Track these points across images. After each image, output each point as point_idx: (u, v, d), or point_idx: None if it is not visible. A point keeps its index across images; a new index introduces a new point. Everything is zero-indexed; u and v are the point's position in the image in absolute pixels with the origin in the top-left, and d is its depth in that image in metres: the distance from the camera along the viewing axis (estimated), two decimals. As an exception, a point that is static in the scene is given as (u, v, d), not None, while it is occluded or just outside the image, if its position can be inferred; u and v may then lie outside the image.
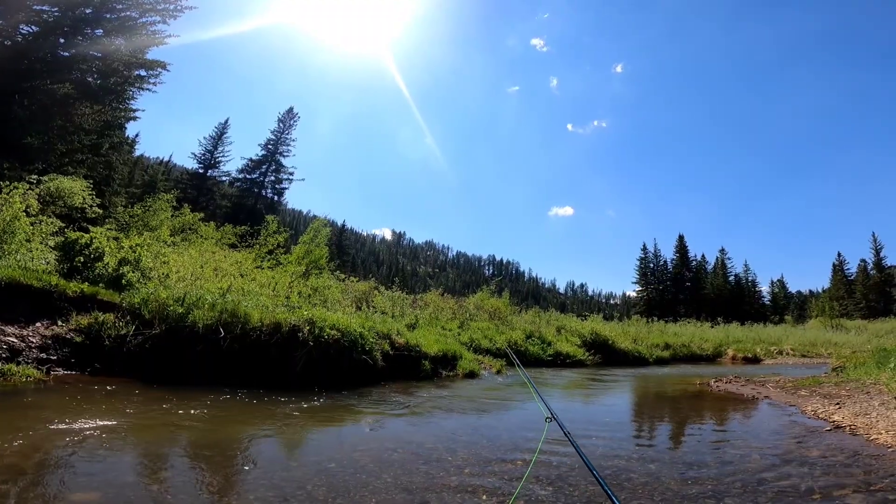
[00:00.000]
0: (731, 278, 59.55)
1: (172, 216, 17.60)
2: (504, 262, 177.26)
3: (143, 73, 21.45)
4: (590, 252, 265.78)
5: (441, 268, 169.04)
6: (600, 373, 12.15)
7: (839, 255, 57.76)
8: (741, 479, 3.36)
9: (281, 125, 46.25)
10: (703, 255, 62.12)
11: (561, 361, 13.87)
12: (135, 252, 8.91)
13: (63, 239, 8.48)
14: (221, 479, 3.29)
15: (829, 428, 4.80)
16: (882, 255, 53.77)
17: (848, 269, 56.58)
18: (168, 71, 22.06)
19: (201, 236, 15.17)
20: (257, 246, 14.23)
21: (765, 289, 64.51)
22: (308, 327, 7.19)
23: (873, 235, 54.95)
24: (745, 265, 61.59)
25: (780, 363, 17.34)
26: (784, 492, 3.10)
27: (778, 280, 68.91)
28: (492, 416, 5.89)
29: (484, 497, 3.07)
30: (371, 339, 8.18)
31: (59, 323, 6.45)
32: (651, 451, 4.12)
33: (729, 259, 60.48)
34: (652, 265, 60.75)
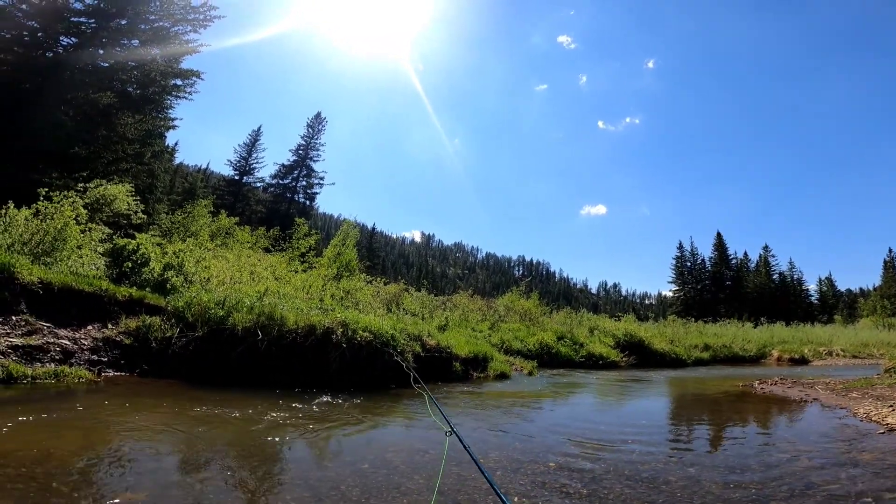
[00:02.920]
0: (776, 276, 57.04)
1: (211, 222, 18.29)
2: (534, 262, 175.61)
3: (178, 82, 22.28)
4: (623, 251, 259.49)
5: (470, 269, 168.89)
6: (635, 374, 11.85)
7: (890, 251, 54.26)
8: (787, 484, 3.21)
9: (310, 130, 47.35)
10: (745, 253, 59.96)
11: (593, 363, 13.60)
12: (178, 257, 9.31)
13: (111, 245, 8.94)
14: (259, 478, 3.40)
15: (882, 431, 4.53)
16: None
17: (900, 266, 53.09)
18: (202, 80, 22.82)
19: (237, 240, 15.67)
20: (290, 249, 14.59)
21: (812, 287, 61.53)
22: (341, 329, 7.33)
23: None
24: (791, 263, 58.98)
25: (829, 364, 16.44)
26: (834, 496, 2.95)
27: (826, 278, 65.35)
28: (522, 419, 5.84)
29: (515, 499, 3.05)
30: (402, 341, 8.26)
31: (109, 326, 6.80)
32: (690, 454, 3.99)
33: (773, 257, 58.06)
34: (689, 264, 58.92)
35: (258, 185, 47.28)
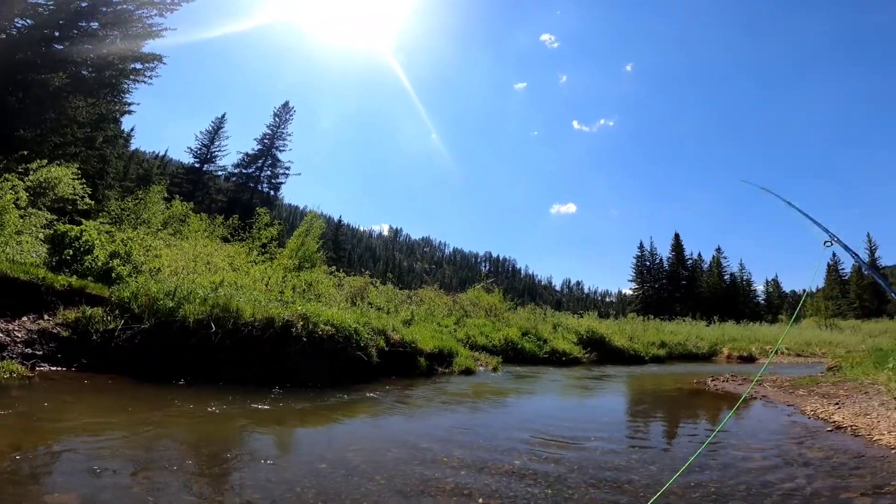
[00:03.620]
0: (727, 277, 59.80)
1: (165, 209, 17.40)
2: (500, 258, 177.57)
3: (138, 66, 21.42)
4: (590, 250, 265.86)
5: (438, 264, 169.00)
6: (596, 371, 12.09)
7: (834, 255, 57.83)
8: (744, 482, 3.27)
9: (276, 119, 46.13)
10: (699, 254, 62.43)
11: (557, 359, 13.78)
12: (126, 245, 8.75)
13: (52, 231, 8.30)
14: (206, 479, 3.17)
15: (829, 429, 4.73)
16: (876, 255, 54.19)
17: (842, 269, 56.90)
18: (164, 64, 22.12)
19: (191, 228, 14.95)
20: (250, 240, 14.05)
21: (759, 288, 64.78)
22: (302, 322, 7.06)
23: (868, 236, 55.31)
24: (741, 264, 61.89)
25: (775, 362, 17.34)
26: (790, 495, 3.01)
27: (772, 279, 69.17)
28: (487, 416, 5.79)
29: (480, 500, 2.96)
30: (366, 335, 8.06)
31: (46, 317, 6.27)
32: (650, 452, 4.03)
33: (725, 258, 60.75)
34: (648, 263, 60.99)
35: (220, 173, 45.63)
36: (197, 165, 44.28)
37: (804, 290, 71.73)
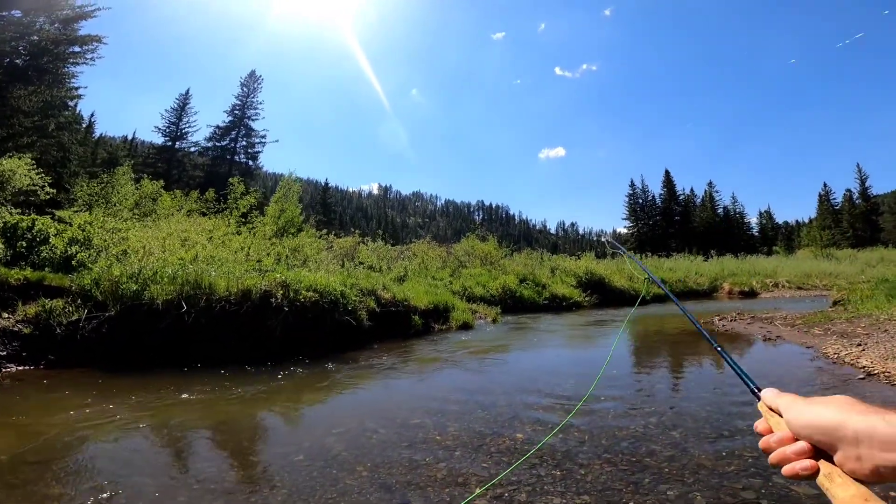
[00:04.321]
0: (720, 211, 59.40)
1: (135, 190, 16.48)
2: (494, 206, 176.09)
3: (77, 49, 20.71)
4: (581, 191, 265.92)
5: (430, 217, 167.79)
6: (598, 315, 11.78)
7: (825, 185, 57.18)
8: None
9: (245, 89, 44.46)
10: (691, 189, 61.73)
11: (557, 304, 13.49)
12: (84, 230, 8.06)
13: (2, 224, 7.61)
14: (166, 480, 2.73)
15: (861, 376, 4.32)
16: (867, 184, 53.49)
17: (834, 198, 56.23)
18: (105, 44, 21.44)
19: (163, 206, 14.17)
20: (227, 211, 13.29)
21: (753, 220, 64.59)
22: (282, 291, 6.52)
23: (858, 166, 54.37)
24: (733, 197, 61.32)
25: (777, 296, 17.17)
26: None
27: (765, 211, 68.61)
28: (486, 378, 5.38)
29: (477, 490, 2.52)
30: (354, 298, 7.58)
31: (6, 315, 5.71)
32: (669, 413, 3.61)
33: (717, 192, 60.15)
34: (640, 201, 60.27)
35: (194, 149, 43.91)
36: (169, 144, 42.65)
37: (797, 222, 71.87)
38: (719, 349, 1.25)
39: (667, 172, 60.70)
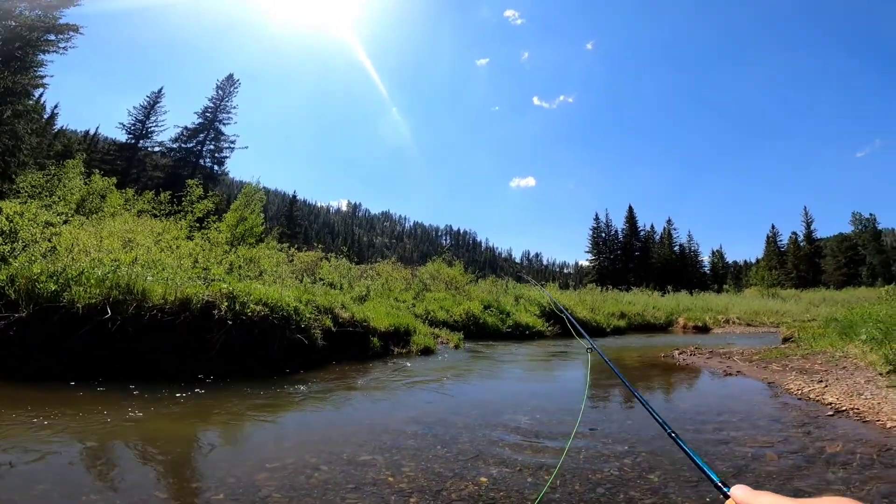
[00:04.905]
0: (676, 248, 61.86)
1: (85, 185, 15.31)
2: (461, 231, 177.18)
3: (52, 37, 19.93)
4: (549, 222, 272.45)
5: (398, 238, 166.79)
6: (561, 345, 11.60)
7: (773, 227, 61.19)
8: (770, 490, 2.59)
9: (220, 92, 43.38)
10: (651, 226, 64.13)
11: (520, 333, 13.27)
12: (11, 221, 7.23)
13: None
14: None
15: (829, 413, 4.22)
16: (812, 227, 57.44)
17: (780, 240, 60.06)
18: (82, 34, 20.58)
19: (112, 204, 13.18)
20: (181, 215, 12.46)
21: (706, 258, 67.62)
22: (227, 303, 5.95)
23: (804, 209, 58.44)
24: (689, 235, 64.07)
25: (728, 332, 17.65)
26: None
27: (717, 250, 72.11)
28: (446, 408, 4.96)
29: (435, 548, 2.12)
30: (309, 315, 7.06)
31: None
32: (644, 453, 3.32)
33: (675, 230, 62.73)
34: (604, 235, 62.03)
35: (157, 150, 42.05)
36: (132, 142, 40.69)
37: (745, 262, 75.83)
38: (673, 435, 1.06)
39: (630, 208, 62.98)
